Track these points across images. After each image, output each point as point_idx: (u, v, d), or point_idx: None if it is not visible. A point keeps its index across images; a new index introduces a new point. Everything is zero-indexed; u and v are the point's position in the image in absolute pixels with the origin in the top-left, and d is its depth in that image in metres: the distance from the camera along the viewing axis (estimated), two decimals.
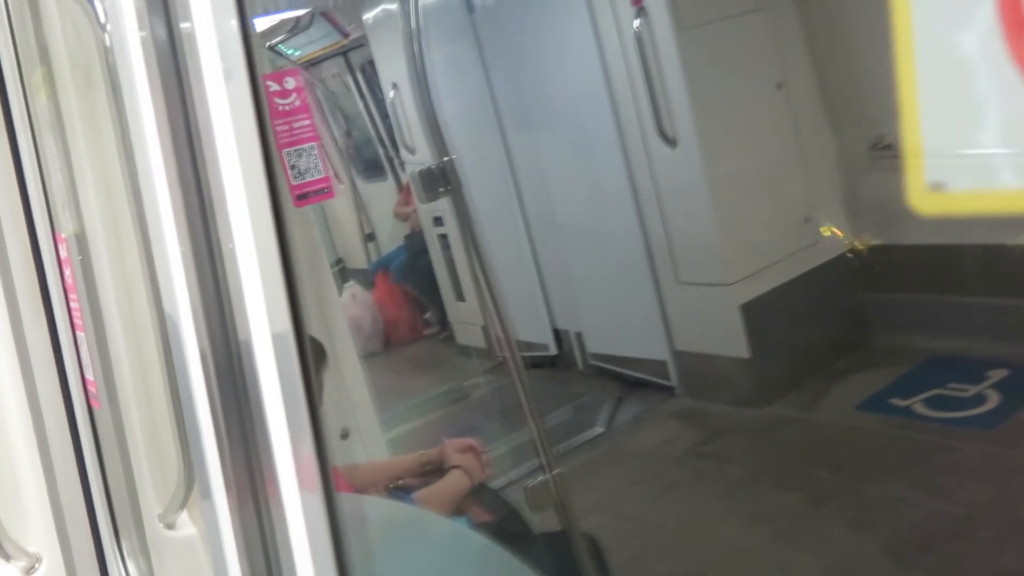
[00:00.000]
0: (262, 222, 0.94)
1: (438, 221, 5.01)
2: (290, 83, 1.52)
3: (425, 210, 5.13)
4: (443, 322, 5.46)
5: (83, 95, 1.45)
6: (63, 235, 1.48)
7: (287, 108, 1.52)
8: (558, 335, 4.46)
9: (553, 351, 4.46)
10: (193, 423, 1.07)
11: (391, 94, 4.84)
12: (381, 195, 6.45)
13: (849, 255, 3.61)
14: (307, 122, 1.53)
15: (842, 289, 3.61)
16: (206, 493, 1.09)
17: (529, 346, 4.39)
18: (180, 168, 0.99)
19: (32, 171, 1.53)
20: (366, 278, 6.00)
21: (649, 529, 2.87)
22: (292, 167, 1.53)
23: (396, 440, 3.30)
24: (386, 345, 5.55)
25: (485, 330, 4.83)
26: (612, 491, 3.19)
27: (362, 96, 6.24)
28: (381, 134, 6.24)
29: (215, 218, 0.98)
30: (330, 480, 0.98)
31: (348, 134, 6.60)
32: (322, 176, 1.55)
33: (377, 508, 1.81)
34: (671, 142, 3.48)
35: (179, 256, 1.01)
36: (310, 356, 0.97)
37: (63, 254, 1.48)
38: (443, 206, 4.78)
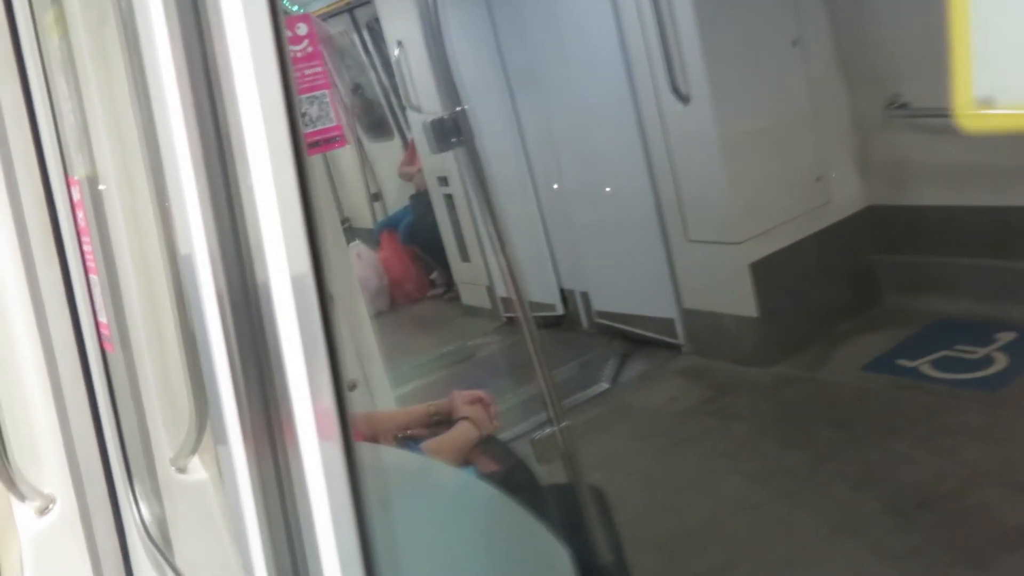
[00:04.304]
0: (283, 161, 0.92)
1: (443, 181, 4.99)
2: (302, 29, 1.50)
3: (430, 169, 5.11)
4: (448, 282, 5.47)
5: (96, 35, 1.44)
6: (76, 178, 1.47)
7: (299, 55, 1.50)
8: (564, 295, 4.47)
9: (560, 311, 4.47)
10: (209, 367, 1.06)
11: (396, 52, 4.80)
12: (387, 154, 6.42)
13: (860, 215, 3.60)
14: (319, 69, 1.52)
15: (852, 249, 3.60)
16: (221, 438, 1.08)
17: (536, 306, 4.40)
18: (197, 107, 0.98)
19: (44, 113, 1.51)
20: (372, 238, 5.99)
21: (653, 485, 2.90)
22: (304, 115, 1.52)
23: (403, 397, 3.32)
24: (391, 304, 5.56)
25: (490, 290, 4.84)
26: (617, 447, 3.21)
27: (368, 54, 6.18)
28: (387, 92, 6.19)
29: (233, 157, 0.97)
30: (349, 428, 0.98)
31: (354, 91, 6.55)
32: (334, 124, 1.53)
33: (388, 457, 1.82)
34: (684, 99, 3.45)
35: (195, 195, 1.00)
36: (329, 301, 0.96)
37: (76, 197, 1.48)
38: (448, 166, 4.78)
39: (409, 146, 5.98)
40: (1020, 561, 2.14)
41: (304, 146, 0.97)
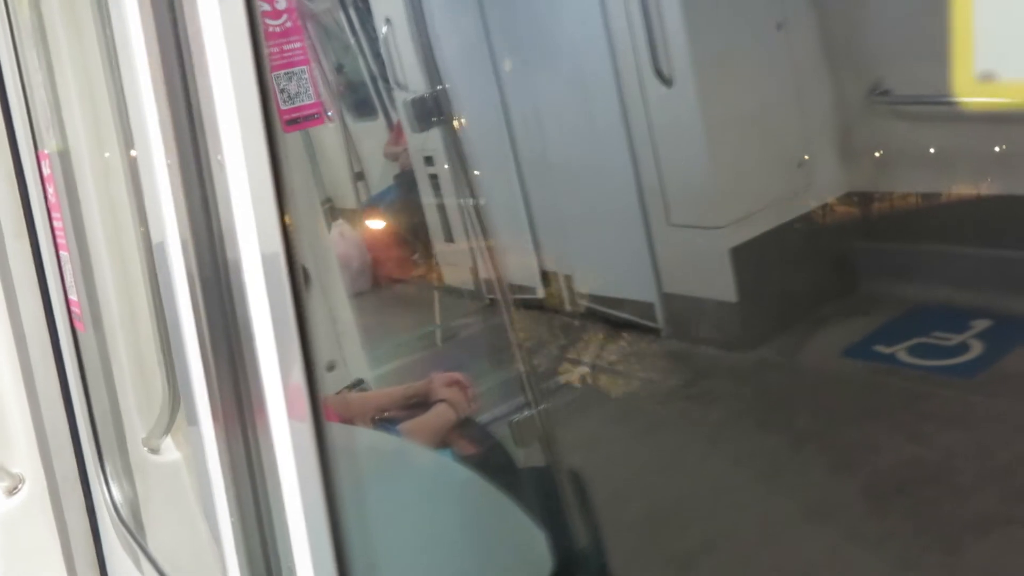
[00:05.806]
0: (254, 139, 0.91)
1: (429, 160, 4.95)
2: (281, 3, 1.48)
3: (415, 149, 5.06)
4: (431, 263, 5.44)
5: (67, 7, 1.41)
6: (46, 152, 1.44)
7: (278, 29, 1.48)
8: (546, 277, 4.45)
9: (540, 294, 4.45)
10: (180, 346, 1.05)
11: (384, 30, 4.74)
12: (371, 134, 6.36)
13: (840, 201, 3.59)
14: (298, 44, 1.49)
15: (832, 235, 3.59)
16: (192, 419, 1.07)
17: (517, 288, 4.37)
18: (169, 83, 0.96)
19: (14, 86, 1.48)
20: (355, 217, 5.95)
21: (631, 467, 2.89)
22: (282, 91, 1.49)
23: (383, 377, 3.30)
24: (374, 284, 5.53)
25: (473, 271, 4.81)
26: (595, 430, 3.21)
27: (354, 32, 6.11)
28: (373, 71, 6.13)
29: (204, 135, 0.95)
30: (320, 409, 0.97)
31: (339, 70, 6.48)
32: (313, 101, 1.51)
33: (363, 438, 1.81)
34: (667, 81, 3.43)
35: (166, 174, 0.98)
36: (301, 280, 0.95)
37: (46, 171, 1.45)
38: (434, 145, 4.74)
39: (396, 126, 5.93)
40: (993, 545, 2.15)
41: (277, 124, 0.95)
